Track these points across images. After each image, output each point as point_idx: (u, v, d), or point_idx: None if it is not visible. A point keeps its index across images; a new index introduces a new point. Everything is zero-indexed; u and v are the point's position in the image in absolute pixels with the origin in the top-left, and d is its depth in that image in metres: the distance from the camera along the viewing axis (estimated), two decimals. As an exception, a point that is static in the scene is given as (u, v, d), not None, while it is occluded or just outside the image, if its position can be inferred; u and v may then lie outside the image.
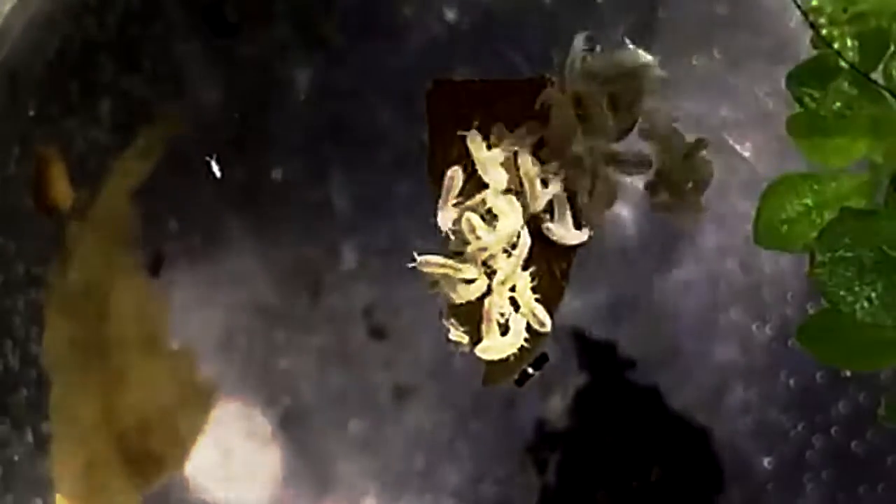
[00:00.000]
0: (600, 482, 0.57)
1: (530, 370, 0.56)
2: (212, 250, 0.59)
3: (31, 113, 0.60)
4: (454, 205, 0.54)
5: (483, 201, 0.55)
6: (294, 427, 0.58)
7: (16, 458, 0.60)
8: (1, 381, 0.60)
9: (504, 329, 0.55)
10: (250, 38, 0.59)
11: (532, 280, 0.55)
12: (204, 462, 0.58)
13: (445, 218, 0.54)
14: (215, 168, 0.57)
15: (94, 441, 0.59)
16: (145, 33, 0.60)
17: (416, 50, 0.57)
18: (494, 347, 0.54)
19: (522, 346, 0.55)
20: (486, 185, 0.55)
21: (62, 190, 0.60)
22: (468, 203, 0.55)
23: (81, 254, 0.60)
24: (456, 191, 0.54)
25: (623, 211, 0.56)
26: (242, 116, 0.58)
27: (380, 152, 0.58)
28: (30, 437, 0.60)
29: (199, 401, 0.58)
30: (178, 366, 0.58)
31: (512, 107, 0.56)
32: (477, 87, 0.56)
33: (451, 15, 0.57)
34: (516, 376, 0.56)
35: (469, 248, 0.55)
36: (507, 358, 0.55)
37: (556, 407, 0.57)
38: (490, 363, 0.55)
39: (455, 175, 0.53)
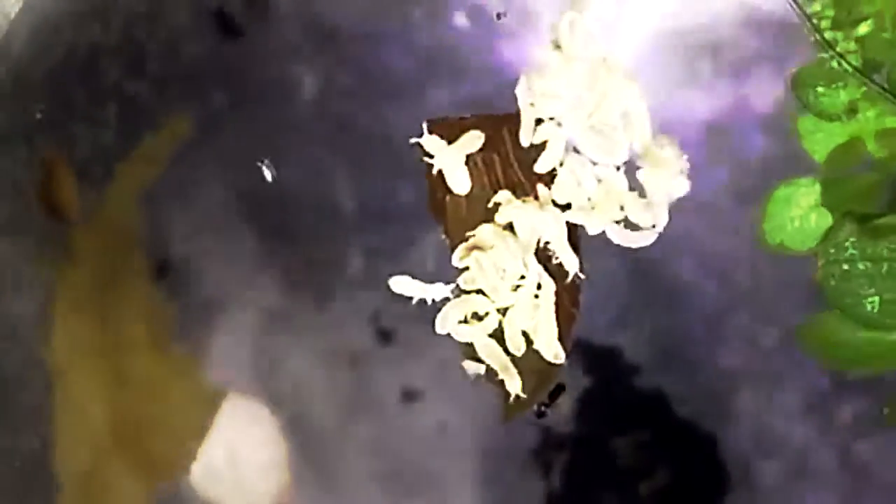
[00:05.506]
0: (605, 487, 0.57)
1: (548, 401, 0.56)
2: (217, 254, 0.59)
3: (37, 117, 0.60)
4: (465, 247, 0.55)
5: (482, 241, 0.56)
6: (300, 430, 0.58)
7: (19, 461, 0.60)
8: (5, 385, 0.60)
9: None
10: (256, 41, 0.59)
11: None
12: (210, 465, 0.58)
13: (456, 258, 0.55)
14: (266, 172, 0.57)
15: (99, 444, 0.59)
16: (151, 37, 0.59)
17: (423, 53, 0.58)
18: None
19: (539, 378, 0.56)
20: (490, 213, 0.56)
21: (68, 193, 0.60)
22: (473, 241, 0.56)
23: (87, 257, 0.59)
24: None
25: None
26: (248, 119, 0.58)
27: (385, 155, 0.58)
28: (34, 441, 0.59)
29: (204, 404, 0.58)
30: (184, 369, 0.58)
31: (504, 139, 0.56)
32: (469, 122, 0.56)
33: (460, 20, 0.57)
34: (535, 409, 0.56)
35: (479, 285, 0.56)
36: (524, 390, 0.56)
37: (561, 411, 0.57)
38: (507, 398, 0.56)
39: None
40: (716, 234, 0.56)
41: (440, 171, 0.57)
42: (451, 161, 0.56)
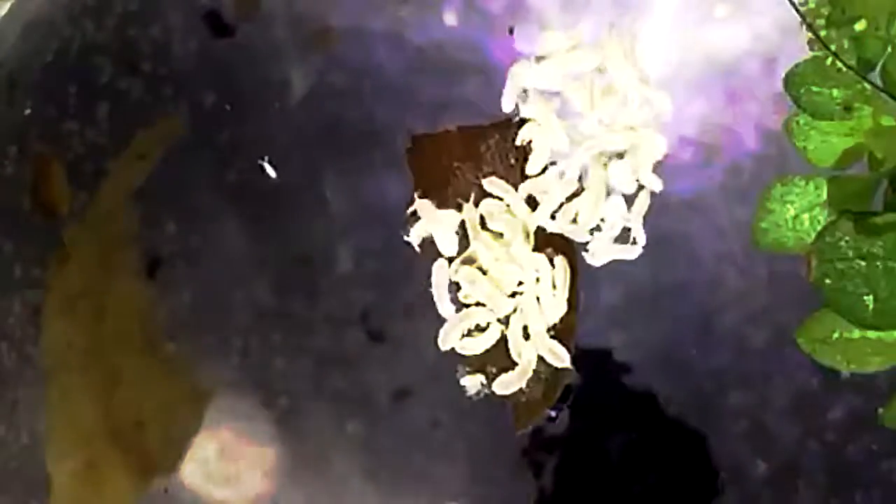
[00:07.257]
0: (596, 486, 0.56)
1: (559, 405, 0.56)
2: (208, 252, 0.59)
3: (29, 114, 0.61)
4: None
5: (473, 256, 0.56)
6: (291, 428, 0.58)
7: (12, 459, 0.60)
8: (-2, 382, 0.61)
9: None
10: (247, 40, 0.59)
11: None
12: (201, 462, 0.58)
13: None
14: (269, 168, 0.57)
15: (92, 442, 0.59)
16: (143, 35, 0.60)
17: (413, 51, 0.57)
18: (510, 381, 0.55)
19: (546, 383, 0.55)
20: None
21: (60, 191, 0.60)
22: (467, 254, 0.56)
23: (79, 255, 0.60)
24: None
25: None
26: (239, 118, 0.58)
27: (376, 153, 0.58)
28: (26, 438, 0.60)
29: (195, 402, 0.58)
30: (175, 367, 0.58)
31: (492, 150, 0.56)
32: (456, 135, 0.56)
33: (450, 18, 0.57)
34: (546, 414, 0.56)
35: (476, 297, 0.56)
36: (532, 397, 0.56)
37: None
38: (517, 405, 0.56)
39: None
40: (708, 234, 0.56)
41: (426, 188, 0.57)
42: (441, 225, 0.56)
